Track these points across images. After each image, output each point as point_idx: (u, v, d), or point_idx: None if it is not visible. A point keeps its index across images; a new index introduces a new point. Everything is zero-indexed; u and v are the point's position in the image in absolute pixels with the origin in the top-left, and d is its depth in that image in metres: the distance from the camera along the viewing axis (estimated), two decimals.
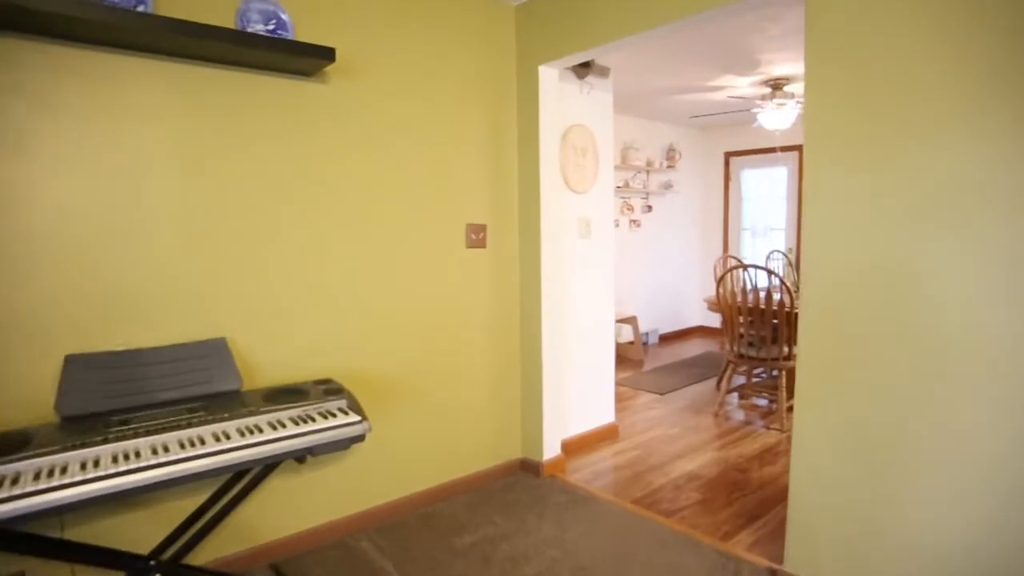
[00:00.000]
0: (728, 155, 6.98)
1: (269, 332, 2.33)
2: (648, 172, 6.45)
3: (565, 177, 3.36)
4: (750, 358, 4.05)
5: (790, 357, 3.91)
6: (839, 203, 1.98)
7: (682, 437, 3.80)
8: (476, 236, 2.97)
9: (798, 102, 4.51)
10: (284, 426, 1.86)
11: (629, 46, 2.72)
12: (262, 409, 1.92)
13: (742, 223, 7.00)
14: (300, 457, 1.89)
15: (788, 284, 3.76)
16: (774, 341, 3.95)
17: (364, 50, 2.51)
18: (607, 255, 3.72)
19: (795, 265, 5.79)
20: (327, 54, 2.17)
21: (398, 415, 2.74)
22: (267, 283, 2.31)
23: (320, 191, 2.43)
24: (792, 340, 3.88)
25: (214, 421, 1.81)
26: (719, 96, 5.18)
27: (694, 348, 6.51)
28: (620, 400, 4.47)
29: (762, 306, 3.87)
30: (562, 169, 3.33)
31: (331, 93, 2.43)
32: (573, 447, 3.57)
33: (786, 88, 4.60)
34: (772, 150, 6.43)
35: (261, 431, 1.81)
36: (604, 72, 3.52)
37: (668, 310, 7.00)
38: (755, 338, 4.05)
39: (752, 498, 2.94)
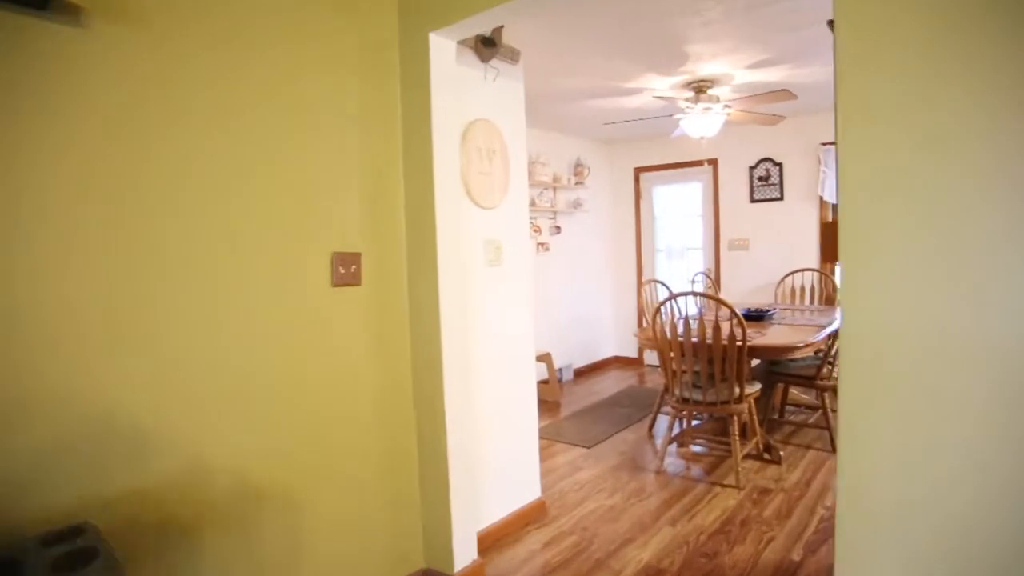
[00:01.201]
0: (638, 171, 6.51)
1: None
2: (555, 189, 5.82)
3: (467, 187, 2.55)
4: (696, 403, 3.40)
5: (742, 399, 3.30)
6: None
7: (625, 509, 3.05)
8: (346, 270, 2.08)
9: (726, 106, 4.02)
10: None
11: (542, 9, 1.99)
12: None
13: (656, 244, 6.53)
14: None
15: (738, 312, 3.16)
16: (723, 380, 3.32)
17: None
18: (523, 287, 2.95)
19: (714, 285, 5.32)
20: None
21: (229, 551, 1.75)
22: None
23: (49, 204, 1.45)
24: (744, 379, 3.27)
25: None
26: (636, 101, 4.63)
27: (612, 383, 5.87)
28: (542, 457, 3.67)
29: (710, 340, 3.24)
30: (463, 177, 2.52)
31: (91, 43, 1.47)
32: (492, 541, 2.71)
33: (711, 91, 4.11)
34: (698, 163, 6.00)
35: None
36: (514, 55, 2.77)
37: (581, 342, 6.35)
38: (701, 379, 3.41)
39: None
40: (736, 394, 3.30)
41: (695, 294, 3.40)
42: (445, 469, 2.29)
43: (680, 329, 3.34)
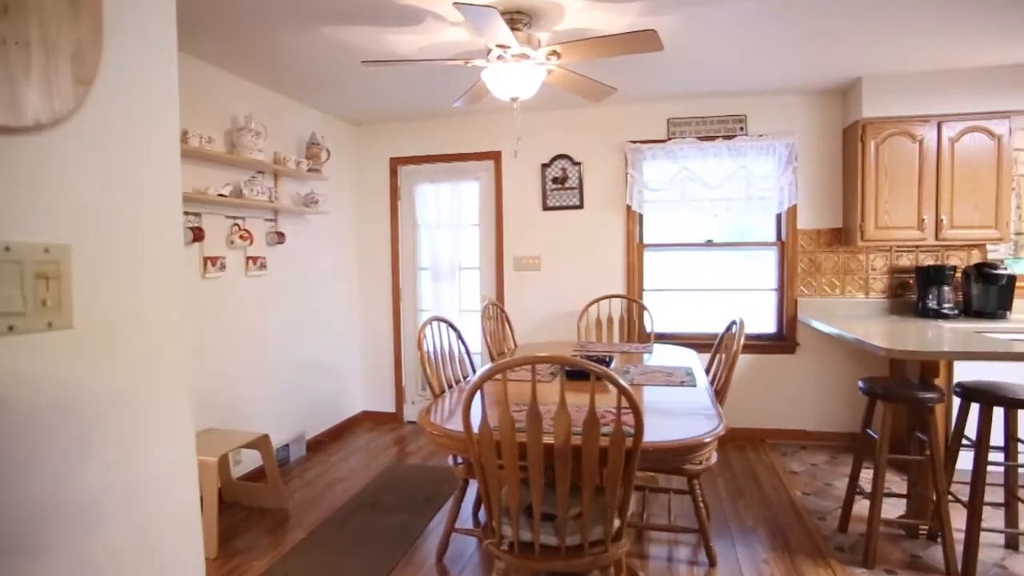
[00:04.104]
0: (396, 162, 4.86)
1: None
2: (277, 176, 3.84)
3: None
4: (544, 553, 1.85)
5: (621, 536, 1.86)
6: None
7: None
8: None
9: (552, 54, 2.62)
10: None
11: None
12: None
13: (419, 260, 4.94)
14: None
15: (625, 386, 1.71)
16: (593, 508, 1.84)
17: None
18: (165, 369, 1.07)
19: (507, 321, 3.94)
20: None
21: None
22: None
23: None
24: (625, 505, 1.84)
25: None
26: (413, 38, 2.99)
27: (365, 458, 4.08)
28: None
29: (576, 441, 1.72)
30: None
31: None
32: None
33: (530, 31, 2.68)
34: (476, 156, 4.52)
35: None
36: None
37: (317, 399, 4.42)
38: (557, 504, 1.88)
39: None
40: (616, 529, 1.85)
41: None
42: None
43: (520, 419, 1.78)
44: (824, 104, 4.09)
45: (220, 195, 3.19)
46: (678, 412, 2.21)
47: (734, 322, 2.86)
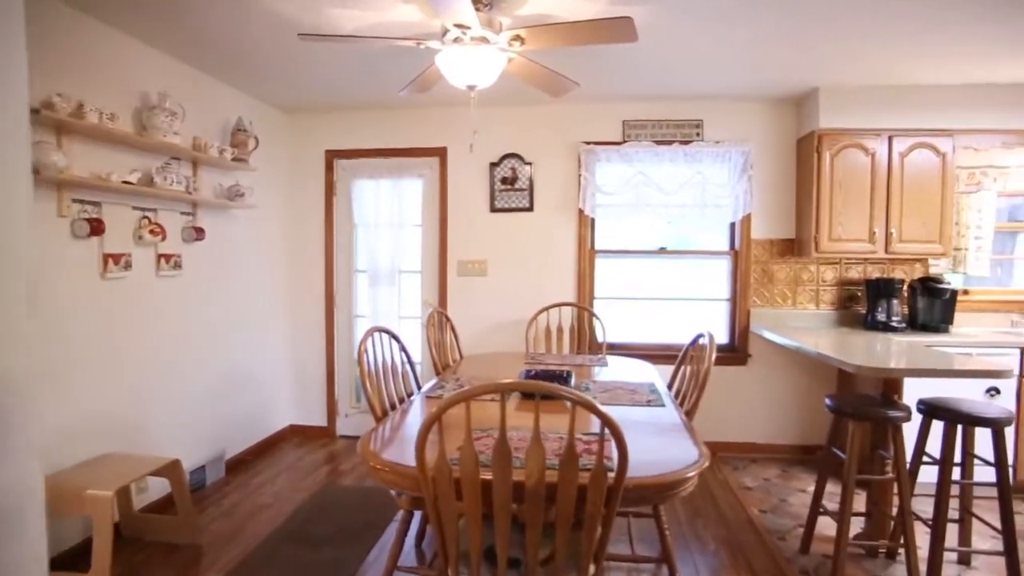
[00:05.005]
0: (333, 156, 4.48)
1: None
2: (197, 164, 3.41)
3: None
4: None
5: None
6: None
7: None
8: None
9: (516, 39, 2.37)
10: None
11: None
12: None
13: (355, 262, 4.58)
14: None
15: (610, 418, 1.48)
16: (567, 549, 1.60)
17: None
18: None
19: (452, 330, 3.67)
20: None
21: None
22: None
23: None
24: (603, 548, 1.61)
25: None
26: (359, 15, 2.68)
27: (293, 478, 3.69)
28: None
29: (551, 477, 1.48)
30: None
31: None
32: None
33: (492, 13, 2.43)
34: (421, 152, 4.21)
35: None
36: None
37: (239, 414, 3.99)
38: (526, 548, 1.62)
39: None
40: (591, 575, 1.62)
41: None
42: None
43: (485, 451, 1.52)
44: (779, 113, 4.05)
45: (126, 182, 2.76)
46: (652, 439, 2.01)
47: (701, 335, 2.70)
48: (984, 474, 2.60)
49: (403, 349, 2.80)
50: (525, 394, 2.46)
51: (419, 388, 2.79)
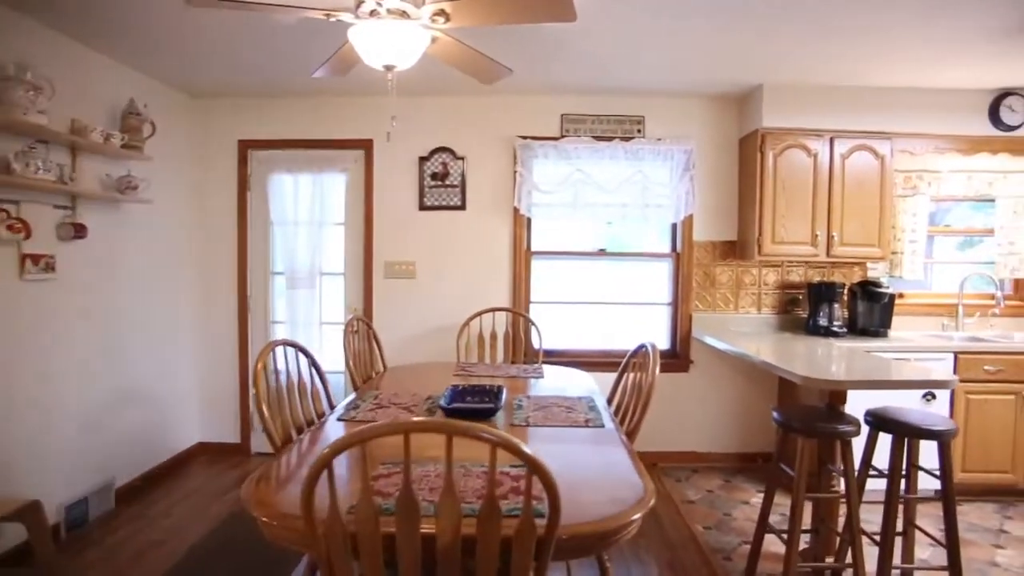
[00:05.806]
0: (247, 146, 4.06)
1: None
2: (76, 150, 2.96)
3: None
4: None
5: None
6: None
7: None
8: None
9: (440, 14, 2.08)
10: None
11: None
12: None
13: (272, 264, 4.17)
14: None
15: (543, 466, 1.22)
16: None
17: None
18: None
19: (375, 339, 3.36)
20: None
21: None
22: None
23: None
24: None
25: None
26: None
27: (200, 503, 3.28)
28: None
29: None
30: None
31: None
32: None
33: None
34: (344, 144, 3.85)
35: None
36: None
37: (134, 434, 3.54)
38: None
39: None
40: None
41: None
42: None
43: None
44: (722, 110, 3.92)
45: None
46: (592, 473, 1.77)
47: (643, 345, 2.50)
48: (925, 482, 2.54)
49: (313, 364, 2.46)
50: (451, 412, 2.18)
51: (331, 408, 2.46)
